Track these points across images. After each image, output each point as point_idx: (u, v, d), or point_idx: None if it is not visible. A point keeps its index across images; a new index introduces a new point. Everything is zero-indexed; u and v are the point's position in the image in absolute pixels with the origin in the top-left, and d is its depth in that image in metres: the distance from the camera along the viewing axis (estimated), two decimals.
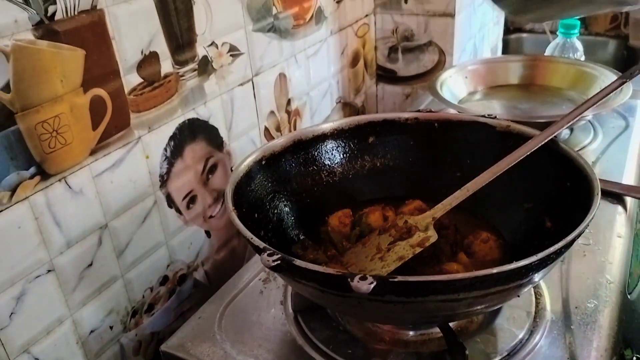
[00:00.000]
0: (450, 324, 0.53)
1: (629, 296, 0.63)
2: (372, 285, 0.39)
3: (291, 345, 0.57)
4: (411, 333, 0.56)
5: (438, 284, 0.41)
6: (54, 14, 0.51)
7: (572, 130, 0.91)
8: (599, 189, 0.50)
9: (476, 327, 0.57)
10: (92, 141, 0.57)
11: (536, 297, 0.59)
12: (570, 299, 0.59)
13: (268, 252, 0.43)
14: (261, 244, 0.45)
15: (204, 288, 0.76)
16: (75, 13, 0.53)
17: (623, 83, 0.64)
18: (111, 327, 0.63)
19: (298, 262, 0.43)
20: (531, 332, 0.55)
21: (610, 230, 0.69)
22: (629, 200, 0.75)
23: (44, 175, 0.53)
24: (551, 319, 0.57)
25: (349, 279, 0.40)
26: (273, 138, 0.85)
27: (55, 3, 0.51)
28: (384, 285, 0.40)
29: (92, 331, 0.61)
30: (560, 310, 0.58)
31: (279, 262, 0.43)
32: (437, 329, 0.54)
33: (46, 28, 0.50)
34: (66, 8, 0.52)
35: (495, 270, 0.41)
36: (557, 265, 0.63)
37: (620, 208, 0.73)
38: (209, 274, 0.77)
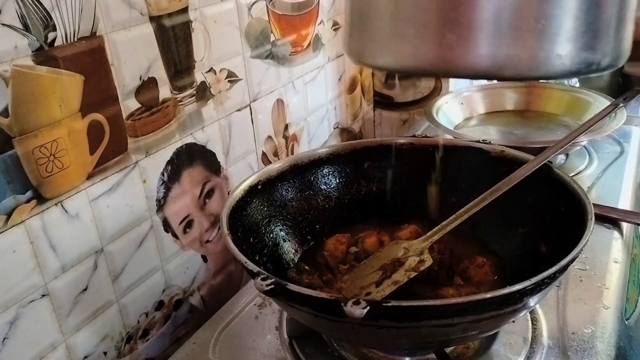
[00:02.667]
0: (446, 350, 0.53)
1: (626, 322, 0.63)
2: (366, 310, 0.39)
3: None
4: (407, 359, 0.56)
5: (432, 308, 0.41)
6: (53, 40, 0.52)
7: (567, 155, 0.92)
8: (593, 214, 0.50)
9: (473, 353, 0.56)
10: (89, 165, 0.57)
11: (533, 323, 0.59)
12: (567, 324, 0.59)
13: (262, 276, 0.43)
14: (255, 268, 0.45)
15: (200, 313, 0.76)
16: (75, 39, 0.54)
17: (615, 108, 0.64)
18: (105, 353, 0.63)
19: (291, 287, 0.43)
20: (528, 359, 0.55)
21: (607, 255, 0.69)
22: (625, 225, 0.75)
23: (40, 199, 0.53)
24: (548, 345, 0.56)
25: (342, 304, 0.40)
26: (270, 163, 0.85)
27: (55, 30, 0.52)
28: (378, 310, 0.40)
29: (85, 357, 0.60)
30: (557, 337, 0.57)
31: (272, 286, 0.42)
32: (433, 355, 0.54)
33: (46, 54, 0.51)
34: (66, 35, 0.53)
35: (488, 295, 0.41)
36: (554, 290, 0.63)
37: (616, 233, 0.73)
38: (205, 299, 0.77)
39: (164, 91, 0.65)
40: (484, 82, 1.32)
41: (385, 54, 0.41)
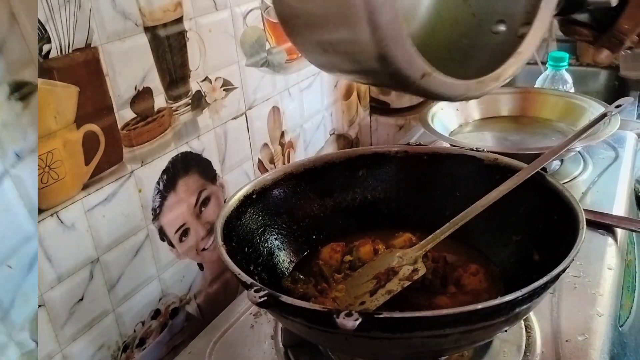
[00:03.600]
0: (440, 359, 0.53)
1: (620, 329, 0.63)
2: (358, 322, 0.39)
3: None
4: None
5: (423, 319, 0.41)
6: (48, 52, 0.52)
7: (562, 161, 0.92)
8: (584, 223, 0.50)
9: None
10: (85, 176, 0.58)
11: (527, 331, 0.59)
12: (561, 332, 0.59)
13: (255, 287, 0.44)
14: (248, 280, 0.45)
15: (197, 321, 0.76)
16: (70, 51, 0.54)
17: (604, 117, 0.64)
18: None
19: (284, 298, 0.43)
20: None
21: (601, 262, 0.69)
22: (619, 231, 0.75)
23: None
24: (542, 352, 0.57)
25: (334, 316, 0.40)
26: (267, 170, 0.86)
27: (49, 42, 0.52)
28: (370, 321, 0.40)
29: None
30: (551, 344, 0.57)
31: (265, 298, 0.43)
32: None
33: (40, 66, 0.51)
34: (61, 46, 0.53)
35: (480, 305, 0.41)
36: (548, 297, 0.63)
37: (610, 239, 0.73)
38: (201, 307, 0.77)
39: (159, 101, 0.65)
40: None
41: None
